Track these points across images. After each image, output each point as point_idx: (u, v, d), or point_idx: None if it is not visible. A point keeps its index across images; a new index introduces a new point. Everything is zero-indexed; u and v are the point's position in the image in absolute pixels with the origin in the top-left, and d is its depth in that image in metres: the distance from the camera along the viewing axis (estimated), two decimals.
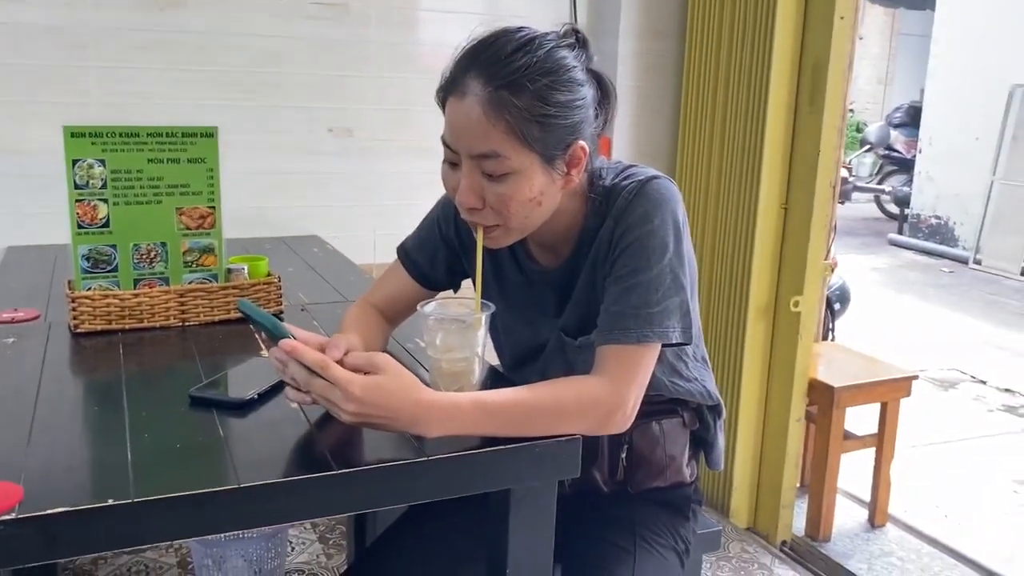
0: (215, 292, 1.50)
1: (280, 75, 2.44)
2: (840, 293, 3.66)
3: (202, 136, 1.45)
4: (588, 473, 1.30)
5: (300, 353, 0.95)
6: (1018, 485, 3.14)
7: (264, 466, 0.94)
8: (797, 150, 2.40)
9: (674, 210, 1.14)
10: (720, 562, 2.43)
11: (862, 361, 2.74)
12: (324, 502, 0.93)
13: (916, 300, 6.24)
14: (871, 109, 13.12)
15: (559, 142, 1.07)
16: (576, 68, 1.08)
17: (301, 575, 2.29)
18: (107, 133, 1.39)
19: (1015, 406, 4.01)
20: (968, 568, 2.50)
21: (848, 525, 2.71)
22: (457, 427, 0.98)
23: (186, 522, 0.87)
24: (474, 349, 1.07)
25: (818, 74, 2.31)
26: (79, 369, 1.32)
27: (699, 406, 1.35)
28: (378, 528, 1.72)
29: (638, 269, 1.11)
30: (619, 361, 1.09)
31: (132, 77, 2.28)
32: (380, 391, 0.94)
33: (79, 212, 1.40)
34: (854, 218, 9.54)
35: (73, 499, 0.83)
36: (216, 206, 1.49)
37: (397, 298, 1.34)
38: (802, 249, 2.40)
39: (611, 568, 1.22)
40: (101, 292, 1.42)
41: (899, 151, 9.32)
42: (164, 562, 2.31)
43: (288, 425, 1.06)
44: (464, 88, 1.05)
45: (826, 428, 2.52)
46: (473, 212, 1.10)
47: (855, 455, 2.67)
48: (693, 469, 1.39)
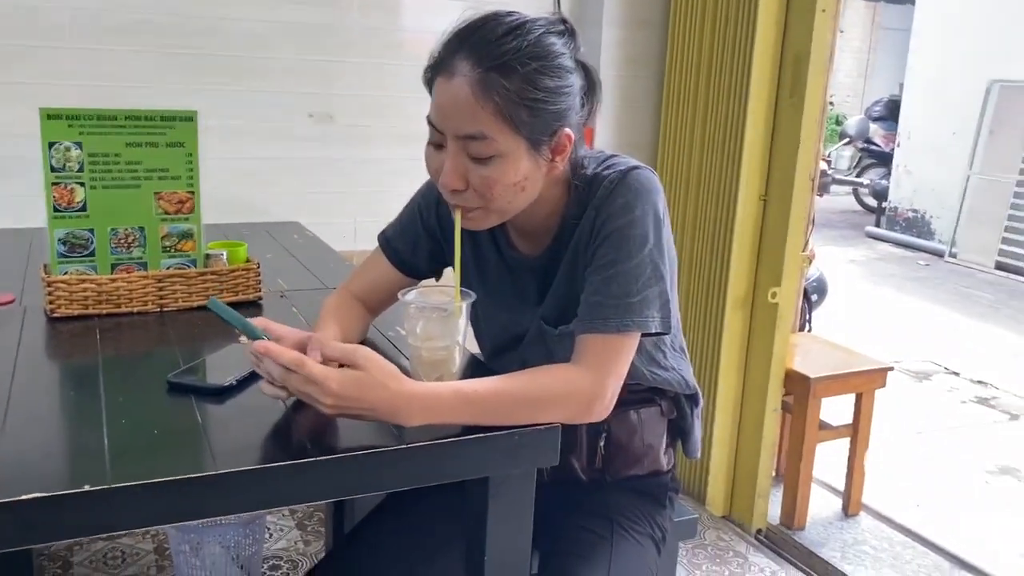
0: (193, 278, 1.49)
1: (261, 59, 2.42)
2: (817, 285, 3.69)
3: (181, 120, 1.44)
4: (566, 461, 1.31)
5: (275, 354, 0.95)
6: (989, 475, 3.19)
7: (242, 452, 0.94)
8: (777, 142, 2.42)
9: (655, 200, 1.14)
10: (696, 549, 2.46)
11: (838, 352, 2.76)
12: (302, 489, 0.93)
13: (892, 292, 6.30)
14: (851, 102, 13.20)
15: (546, 127, 1.07)
16: (565, 55, 1.08)
17: (279, 561, 2.29)
18: (84, 116, 1.38)
19: (987, 397, 4.07)
20: (940, 557, 2.54)
21: (822, 514, 2.75)
22: (437, 416, 0.99)
23: (163, 508, 0.87)
24: (455, 337, 1.07)
25: (799, 66, 2.32)
26: (55, 354, 1.31)
27: (677, 395, 1.36)
28: (357, 515, 1.72)
29: (618, 259, 1.11)
30: (598, 350, 1.10)
31: (110, 59, 2.25)
32: (358, 385, 0.94)
33: (55, 195, 1.38)
34: (832, 210, 9.62)
35: (49, 485, 0.82)
36: (195, 191, 1.48)
37: (378, 286, 1.34)
38: (780, 241, 2.42)
39: (588, 555, 1.23)
40: (78, 276, 1.40)
41: (878, 144, 9.40)
42: (141, 548, 2.30)
43: (266, 411, 1.06)
44: (453, 68, 1.05)
45: (802, 418, 2.54)
46: (456, 194, 1.09)
47: (830, 445, 2.70)
48: (670, 457, 1.40)
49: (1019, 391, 4.16)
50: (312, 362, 0.94)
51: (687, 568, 2.36)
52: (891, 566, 2.47)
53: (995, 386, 4.22)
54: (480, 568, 1.08)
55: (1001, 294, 6.35)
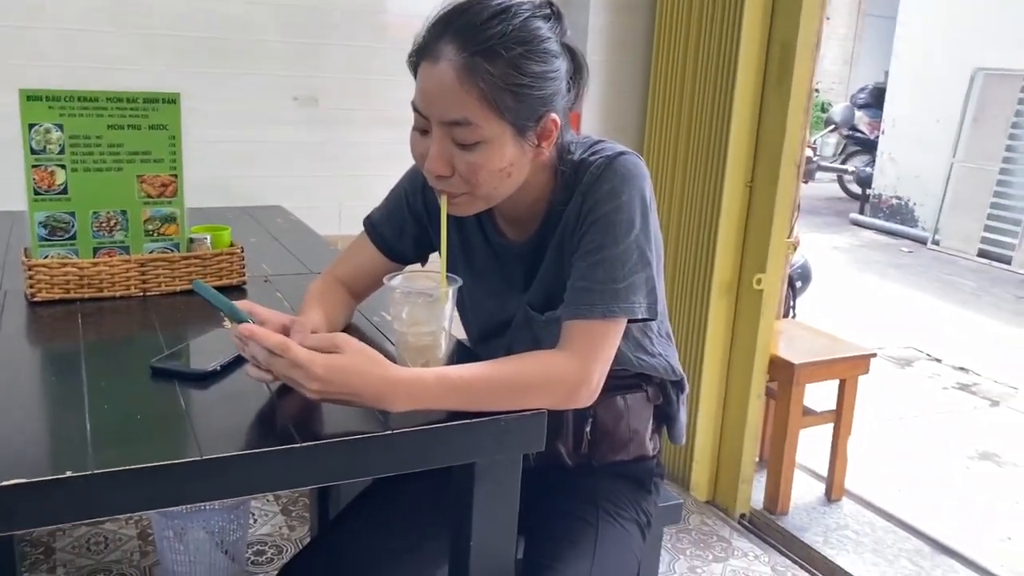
0: (177, 262, 1.48)
1: (245, 42, 2.39)
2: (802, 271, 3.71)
3: (164, 102, 1.42)
4: (552, 446, 1.31)
5: (260, 337, 0.94)
6: (970, 461, 3.23)
7: (226, 438, 0.94)
8: (763, 129, 2.42)
9: (641, 186, 1.14)
10: (680, 534, 2.47)
11: (822, 339, 2.78)
12: (287, 475, 0.93)
13: (876, 279, 6.34)
14: (836, 89, 13.22)
15: (531, 113, 1.06)
16: (551, 39, 1.07)
17: (264, 547, 2.28)
18: (65, 97, 1.36)
19: (968, 384, 4.10)
20: (920, 541, 2.57)
21: (805, 499, 2.77)
22: (422, 402, 0.98)
23: (146, 494, 0.86)
24: (441, 323, 1.07)
25: (786, 53, 2.32)
26: (36, 339, 1.29)
27: (663, 381, 1.36)
28: (342, 500, 1.72)
29: (605, 245, 1.11)
30: (584, 336, 1.10)
31: (92, 41, 2.22)
32: (343, 369, 0.93)
33: (36, 178, 1.37)
34: (817, 197, 9.65)
35: (30, 471, 0.81)
36: (178, 174, 1.46)
37: (363, 272, 1.33)
38: (766, 227, 2.42)
39: (574, 540, 1.24)
40: (59, 260, 1.39)
41: (863, 132, 9.43)
42: (124, 534, 2.29)
43: (251, 397, 1.05)
44: (438, 53, 1.04)
45: (786, 404, 2.56)
46: (441, 180, 1.09)
47: (813, 431, 2.72)
48: (656, 443, 1.40)
49: (1000, 378, 4.20)
50: (297, 346, 0.93)
51: (671, 553, 2.37)
52: (873, 550, 2.50)
53: (976, 373, 4.26)
54: (466, 553, 1.08)
55: (983, 281, 6.40)
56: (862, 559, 2.45)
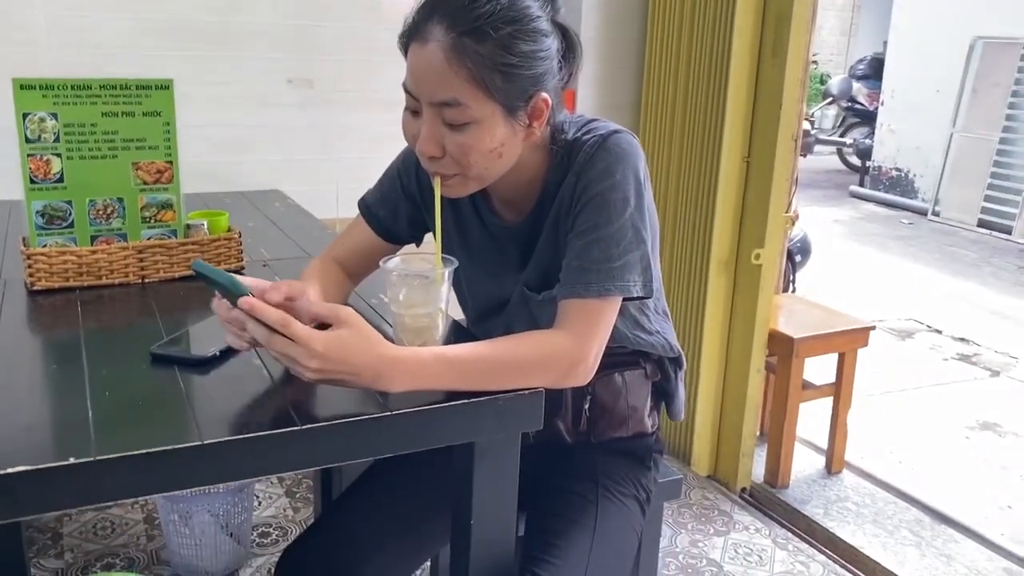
0: (175, 248, 1.48)
1: (237, 25, 2.38)
2: (801, 245, 3.71)
3: (157, 88, 1.42)
4: (551, 424, 1.32)
5: (260, 311, 0.94)
6: (969, 431, 3.24)
7: (227, 422, 0.95)
8: (760, 102, 2.41)
9: (635, 165, 1.14)
10: (681, 509, 2.49)
11: (821, 312, 2.78)
12: (288, 458, 0.94)
13: (876, 251, 6.34)
14: (835, 61, 13.14)
15: (521, 93, 1.06)
16: (540, 18, 1.07)
17: (268, 529, 2.30)
18: (58, 85, 1.36)
19: (968, 355, 4.11)
20: (921, 512, 2.58)
21: (806, 472, 2.78)
22: (420, 382, 0.99)
23: (148, 479, 0.87)
24: (437, 304, 1.07)
25: (781, 26, 2.31)
26: (37, 327, 1.30)
27: (660, 358, 1.37)
28: (344, 482, 1.73)
29: (599, 223, 1.11)
30: (581, 315, 1.10)
31: (84, 27, 2.22)
32: (342, 346, 0.94)
33: (32, 167, 1.37)
34: (817, 170, 9.62)
35: (34, 458, 0.82)
36: (173, 160, 1.46)
37: (359, 253, 1.33)
38: (764, 202, 2.42)
39: (574, 517, 1.25)
40: (57, 249, 1.39)
41: (862, 103, 9.39)
42: (130, 518, 2.31)
43: (251, 381, 1.06)
44: (426, 34, 1.04)
45: (785, 378, 2.57)
46: (433, 161, 1.09)
47: (813, 404, 2.73)
48: (655, 419, 1.41)
49: (1000, 348, 4.21)
50: (297, 322, 0.93)
51: (673, 528, 2.39)
52: (873, 521, 2.52)
53: (977, 343, 4.27)
54: (467, 531, 1.10)
55: (984, 252, 6.40)
56: (863, 530, 2.47)
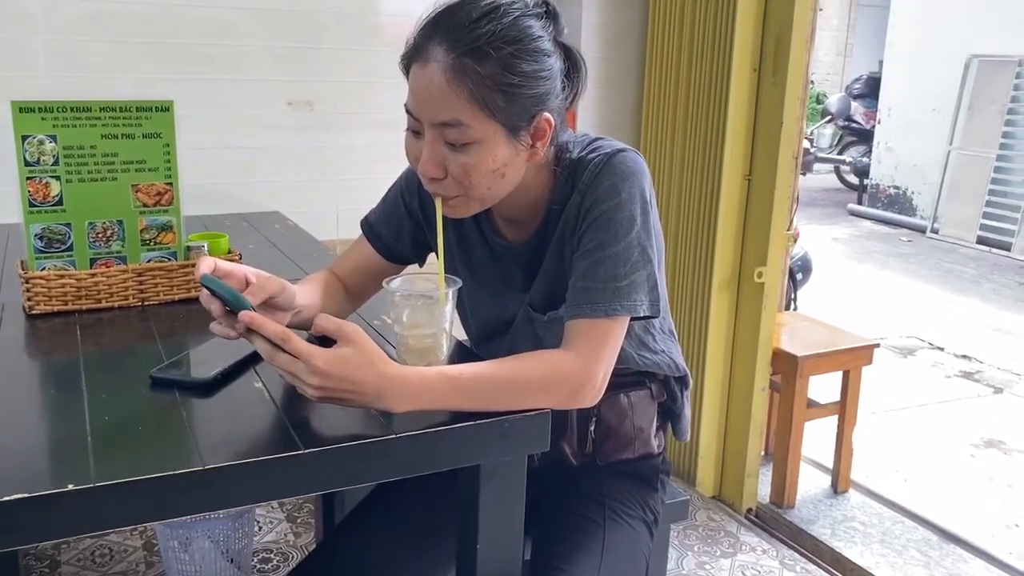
0: (175, 271, 1.47)
1: (237, 48, 2.38)
2: (802, 263, 3.71)
3: (157, 110, 1.41)
4: (557, 446, 1.30)
5: (260, 325, 0.92)
6: (975, 449, 3.22)
7: (228, 447, 0.93)
8: (760, 121, 2.41)
9: (641, 183, 1.13)
10: (687, 530, 2.46)
11: (824, 330, 2.77)
12: (290, 482, 0.92)
13: (876, 269, 6.34)
14: (831, 80, 13.22)
15: (523, 113, 1.05)
16: (543, 38, 1.06)
17: (269, 554, 2.28)
18: (58, 108, 1.35)
19: (971, 372, 4.10)
20: (928, 531, 2.56)
21: (812, 492, 2.76)
22: (424, 402, 0.97)
23: (149, 506, 0.85)
24: (441, 325, 1.06)
25: (780, 45, 2.31)
26: (35, 352, 1.28)
27: (667, 378, 1.35)
28: (347, 506, 1.71)
29: (605, 243, 1.10)
30: (588, 335, 1.09)
31: (83, 50, 2.22)
32: (344, 364, 0.92)
33: (30, 190, 1.36)
34: (815, 189, 9.65)
35: (32, 485, 0.81)
36: (174, 182, 1.45)
37: (361, 272, 1.32)
38: (765, 220, 2.41)
39: (581, 540, 1.23)
40: (56, 272, 1.38)
41: (859, 122, 9.42)
42: (129, 545, 2.29)
43: (253, 405, 1.04)
44: (427, 55, 1.03)
45: (790, 397, 2.55)
46: (435, 182, 1.08)
47: (818, 423, 2.71)
48: (661, 440, 1.39)
49: (1003, 364, 4.20)
50: (298, 338, 0.92)
51: (679, 549, 2.37)
52: (881, 541, 2.49)
53: (979, 360, 4.25)
54: (473, 555, 1.07)
55: (983, 268, 6.39)
56: (870, 550, 2.44)
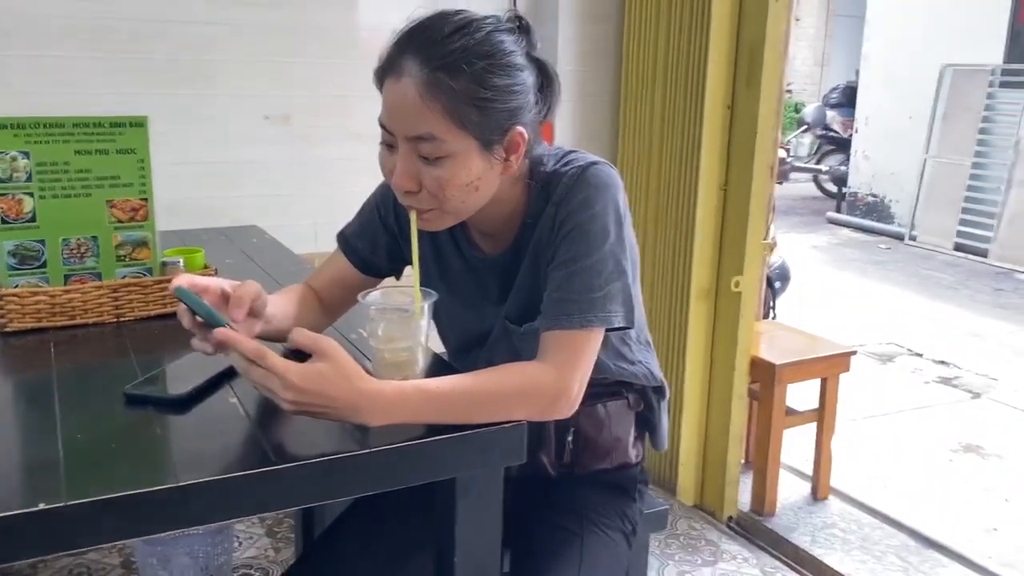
0: (150, 286, 1.46)
1: (213, 62, 2.38)
2: (780, 272, 3.73)
3: (131, 126, 1.41)
4: (535, 457, 1.31)
5: (235, 342, 0.93)
6: (953, 454, 3.25)
7: (204, 463, 0.92)
8: (735, 132, 2.43)
9: (615, 196, 1.14)
10: (668, 539, 2.47)
11: (802, 338, 2.79)
12: (266, 499, 0.92)
13: (854, 276, 6.39)
14: (808, 90, 13.34)
15: (497, 127, 1.06)
16: (515, 53, 1.07)
17: (249, 570, 2.26)
18: (31, 124, 1.34)
19: (949, 377, 4.13)
20: (907, 537, 2.58)
21: (792, 499, 2.77)
22: (400, 416, 0.97)
23: (123, 524, 0.85)
24: (417, 338, 1.06)
25: (755, 56, 2.34)
26: (8, 369, 1.28)
27: (644, 388, 1.36)
28: (326, 520, 1.71)
29: (580, 255, 1.11)
30: (563, 347, 1.09)
31: (58, 66, 2.20)
32: (320, 379, 0.92)
33: (3, 206, 1.35)
34: (793, 197, 9.72)
35: (2, 504, 0.80)
36: (148, 198, 1.45)
37: (337, 285, 1.32)
38: (742, 230, 2.43)
39: (559, 551, 1.23)
40: (29, 289, 1.37)
41: (836, 131, 9.50)
42: (107, 563, 2.26)
43: (228, 421, 1.04)
44: (401, 69, 1.04)
45: (769, 405, 2.56)
46: (409, 196, 1.08)
47: (797, 430, 2.72)
48: (639, 450, 1.40)
49: (980, 370, 4.24)
50: (274, 354, 0.92)
51: (660, 559, 2.37)
52: (860, 548, 2.51)
53: (957, 366, 4.29)
54: (450, 568, 1.07)
55: (960, 275, 6.46)
56: (850, 557, 2.45)
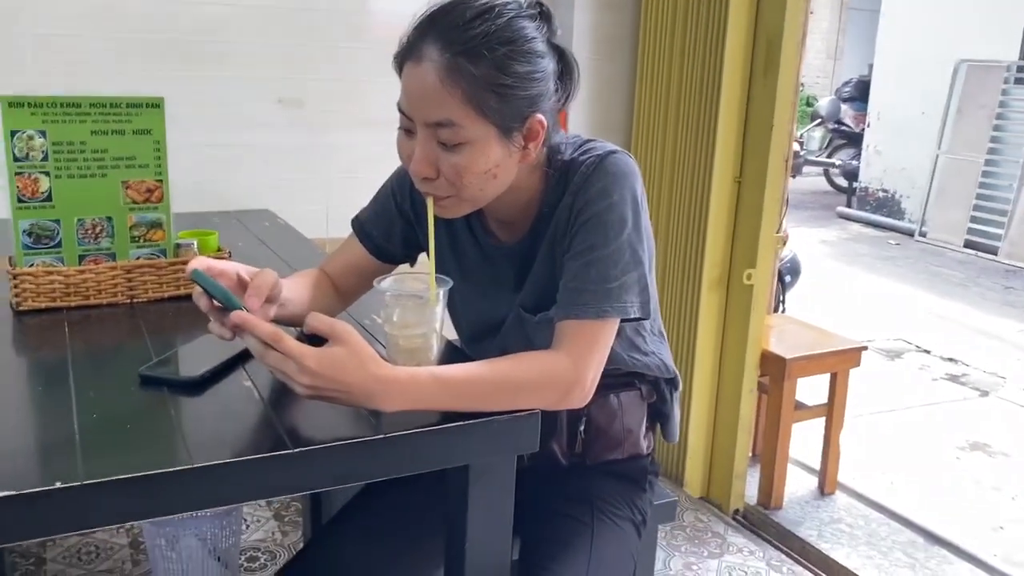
0: (164, 268, 1.46)
1: (228, 44, 2.37)
2: (791, 266, 3.72)
3: (147, 107, 1.41)
4: (547, 446, 1.30)
5: (252, 326, 0.93)
6: (960, 452, 3.24)
7: (217, 445, 0.93)
8: (751, 124, 2.42)
9: (633, 185, 1.13)
10: (675, 531, 2.47)
11: (813, 333, 2.78)
12: (279, 482, 0.92)
13: (864, 272, 6.36)
14: (821, 83, 13.27)
15: (516, 114, 1.05)
16: (536, 39, 1.07)
17: (257, 553, 2.27)
18: (47, 103, 1.34)
19: (957, 375, 4.12)
20: (914, 533, 2.57)
21: (799, 493, 2.77)
22: (414, 402, 0.97)
23: (136, 504, 0.85)
24: (432, 325, 1.06)
25: (772, 48, 2.32)
26: (22, 349, 1.28)
27: (656, 379, 1.36)
28: (334, 505, 1.71)
29: (596, 244, 1.10)
30: (578, 336, 1.09)
31: (71, 46, 2.20)
32: (335, 364, 0.92)
33: (19, 185, 1.35)
34: (804, 191, 9.67)
35: (19, 483, 0.80)
36: (163, 179, 1.45)
37: (351, 271, 1.32)
38: (755, 222, 2.42)
39: (569, 540, 1.23)
40: (44, 268, 1.37)
41: (848, 125, 9.46)
42: (115, 543, 2.28)
43: (242, 403, 1.04)
44: (421, 54, 1.03)
45: (778, 398, 2.56)
46: (427, 182, 1.08)
47: (806, 425, 2.72)
48: (650, 441, 1.40)
49: (988, 367, 4.22)
50: (290, 338, 0.92)
51: (666, 550, 2.37)
52: (867, 543, 2.50)
53: (965, 363, 4.28)
54: (461, 555, 1.08)
55: (970, 272, 6.43)
56: (856, 552, 2.45)
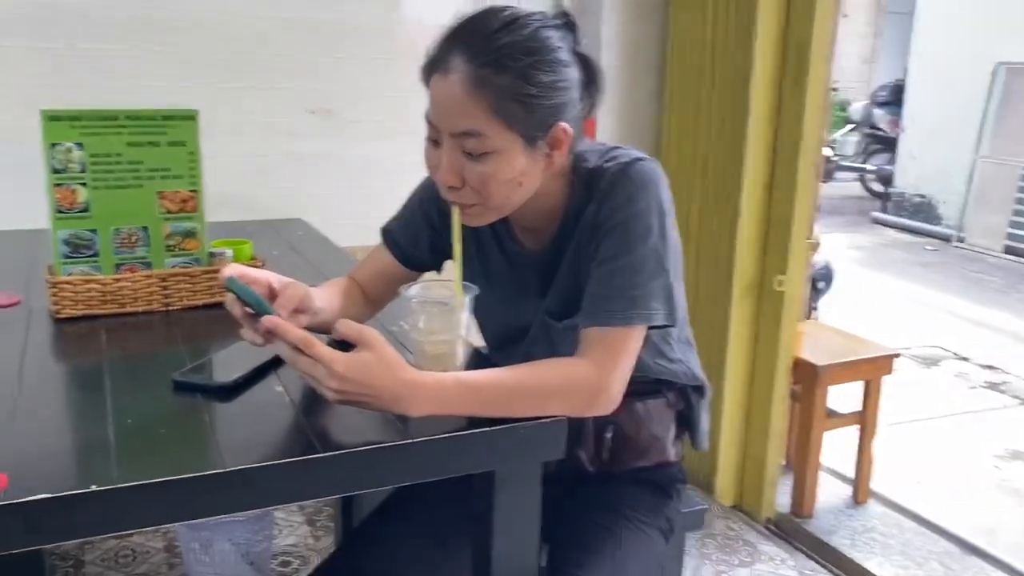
0: (198, 276, 1.49)
1: (259, 56, 2.41)
2: (824, 272, 3.68)
3: (182, 119, 1.44)
4: (573, 453, 1.31)
5: (283, 331, 0.95)
6: (999, 460, 3.18)
7: (249, 450, 0.95)
8: (781, 129, 2.40)
9: (658, 192, 1.14)
10: (705, 539, 2.46)
11: (845, 340, 2.75)
12: (309, 485, 0.93)
13: (899, 278, 6.28)
14: (856, 88, 13.10)
15: (541, 123, 1.06)
16: (561, 49, 1.08)
17: (289, 557, 2.29)
18: (85, 117, 1.38)
19: (997, 383, 4.05)
20: (950, 543, 2.53)
21: (831, 502, 2.74)
22: (440, 406, 0.98)
23: (170, 507, 0.87)
24: (457, 331, 1.07)
25: (802, 54, 2.31)
26: (61, 355, 1.31)
27: (684, 386, 1.36)
28: (365, 509, 1.73)
29: (622, 252, 1.11)
30: (604, 344, 1.09)
31: (108, 58, 2.25)
32: (363, 368, 0.94)
33: (58, 197, 1.39)
34: (838, 197, 9.56)
35: (56, 485, 0.83)
36: (198, 189, 1.48)
37: (380, 278, 1.34)
38: (786, 228, 2.41)
39: (597, 547, 1.23)
40: (82, 277, 1.41)
41: (883, 130, 9.34)
42: (151, 546, 2.31)
43: (273, 408, 1.06)
44: (447, 65, 1.05)
45: (810, 406, 2.54)
46: (453, 191, 1.09)
47: (838, 432, 2.69)
48: (678, 449, 1.40)
49: None
50: (320, 343, 0.94)
51: (696, 558, 2.36)
52: (901, 552, 2.47)
53: (1005, 371, 4.20)
54: (488, 561, 1.08)
55: (1011, 278, 6.32)
56: (890, 562, 2.42)
